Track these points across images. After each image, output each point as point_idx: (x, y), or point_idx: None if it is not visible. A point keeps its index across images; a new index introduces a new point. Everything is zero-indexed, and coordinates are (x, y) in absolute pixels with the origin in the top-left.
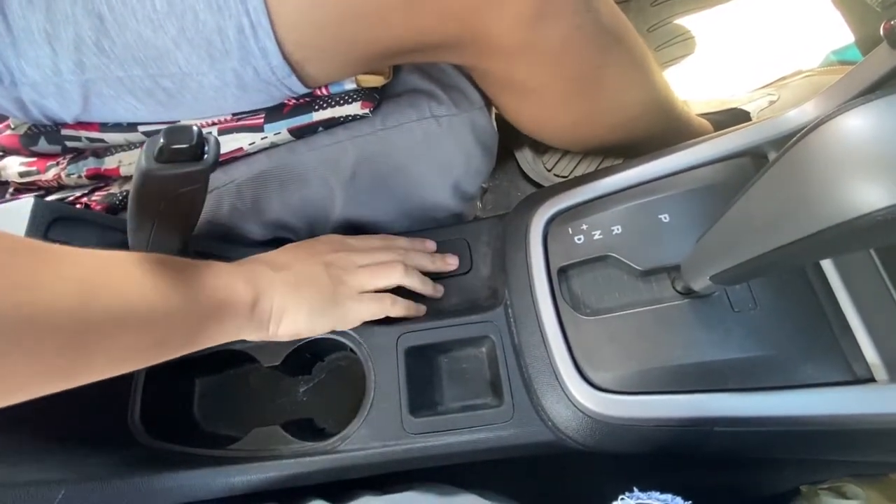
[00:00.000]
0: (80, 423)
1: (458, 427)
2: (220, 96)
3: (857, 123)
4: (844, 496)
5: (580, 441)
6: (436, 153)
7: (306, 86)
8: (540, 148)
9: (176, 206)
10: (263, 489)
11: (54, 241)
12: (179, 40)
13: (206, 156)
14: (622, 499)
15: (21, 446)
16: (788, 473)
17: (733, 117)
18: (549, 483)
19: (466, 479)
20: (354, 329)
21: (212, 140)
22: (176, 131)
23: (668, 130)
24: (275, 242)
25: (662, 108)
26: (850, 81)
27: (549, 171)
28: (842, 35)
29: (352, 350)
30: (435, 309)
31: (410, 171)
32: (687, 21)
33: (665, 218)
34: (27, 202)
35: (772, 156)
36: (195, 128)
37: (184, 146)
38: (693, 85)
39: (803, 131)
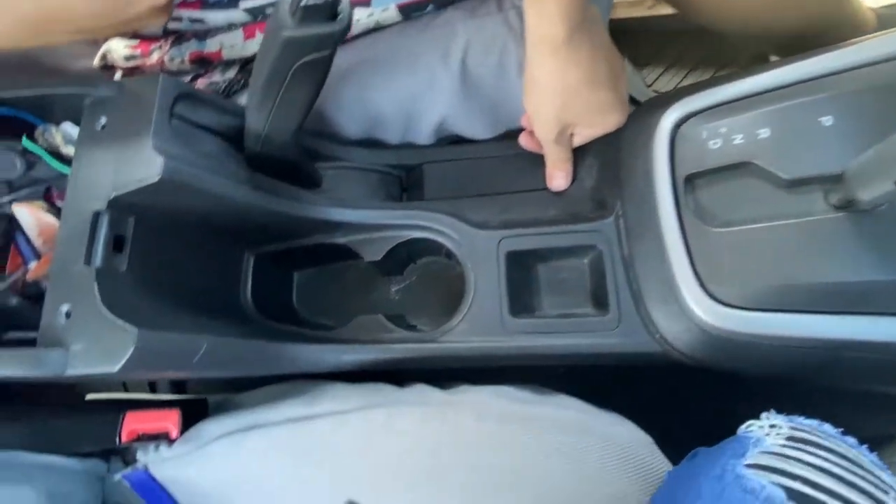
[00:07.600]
0: (204, 297)
1: (560, 331)
2: None
3: None
4: None
5: (689, 354)
6: None
7: None
8: (640, 60)
9: (301, 79)
10: (369, 369)
11: (179, 116)
12: None
13: (340, 15)
14: (766, 418)
15: (163, 311)
16: (884, 418)
17: None
18: (645, 398)
19: (563, 384)
20: (455, 229)
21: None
22: None
23: (837, 15)
24: (364, 144)
25: None
26: None
27: (649, 86)
28: None
29: (447, 254)
30: (533, 220)
31: (515, 66)
32: None
33: (827, 121)
34: (155, 77)
35: None
36: None
37: (319, 3)
38: None
39: None
